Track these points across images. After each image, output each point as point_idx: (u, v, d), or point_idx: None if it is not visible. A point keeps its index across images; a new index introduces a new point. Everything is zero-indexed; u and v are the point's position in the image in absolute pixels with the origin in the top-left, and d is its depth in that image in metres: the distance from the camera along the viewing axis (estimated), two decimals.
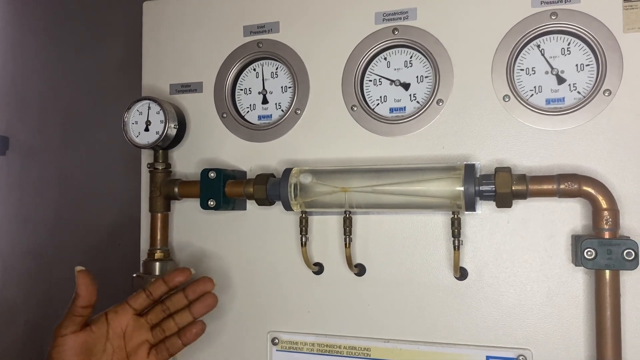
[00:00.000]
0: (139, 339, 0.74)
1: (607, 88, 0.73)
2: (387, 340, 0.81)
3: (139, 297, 0.75)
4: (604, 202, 0.69)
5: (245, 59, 0.90)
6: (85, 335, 0.70)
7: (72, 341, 0.69)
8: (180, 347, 0.75)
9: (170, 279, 0.75)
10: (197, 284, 0.76)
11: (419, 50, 0.82)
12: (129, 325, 0.74)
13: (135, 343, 0.74)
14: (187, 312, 0.75)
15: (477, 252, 0.78)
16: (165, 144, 0.88)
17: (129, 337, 0.74)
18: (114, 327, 0.73)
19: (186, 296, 0.76)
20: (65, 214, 1.77)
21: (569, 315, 0.74)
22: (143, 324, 0.75)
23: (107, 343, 0.72)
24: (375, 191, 0.76)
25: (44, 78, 1.81)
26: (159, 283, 0.76)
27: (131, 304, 0.75)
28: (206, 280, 0.76)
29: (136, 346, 0.74)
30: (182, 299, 0.76)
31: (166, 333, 0.75)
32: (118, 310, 0.74)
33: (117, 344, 0.73)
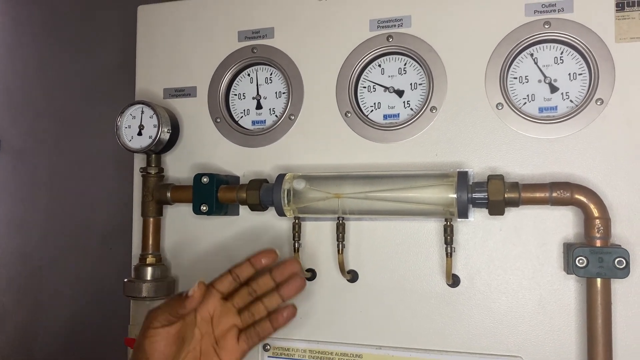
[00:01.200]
0: (227, 324, 0.72)
1: (600, 97, 0.74)
2: (379, 347, 0.81)
3: (225, 279, 0.72)
4: (595, 211, 0.70)
5: (240, 64, 0.90)
6: (177, 326, 0.68)
7: (165, 332, 0.67)
8: (271, 331, 0.72)
9: (256, 261, 0.73)
10: (285, 265, 0.73)
11: (413, 57, 0.82)
12: (216, 309, 0.72)
13: (224, 328, 0.72)
14: (275, 294, 0.72)
15: (470, 260, 0.78)
16: (158, 149, 0.88)
17: (217, 322, 0.72)
18: (201, 312, 0.71)
19: (273, 278, 0.73)
20: (56, 217, 1.76)
21: (561, 323, 0.74)
22: (230, 307, 0.72)
23: (196, 329, 0.70)
24: (369, 197, 0.76)
25: (36, 81, 1.80)
26: (245, 265, 0.73)
27: (217, 287, 0.72)
28: (293, 262, 0.74)
29: (224, 331, 0.71)
30: (269, 281, 0.73)
31: (255, 317, 0.72)
32: (205, 295, 0.71)
33: (205, 330, 0.71)
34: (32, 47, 1.83)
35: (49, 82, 1.79)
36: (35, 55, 1.82)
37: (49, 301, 1.76)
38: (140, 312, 0.86)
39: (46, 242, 1.77)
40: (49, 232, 1.77)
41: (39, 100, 1.80)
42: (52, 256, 1.76)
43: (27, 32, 1.85)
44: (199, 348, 0.70)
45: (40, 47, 1.81)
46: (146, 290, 0.85)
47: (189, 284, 0.88)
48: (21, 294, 1.81)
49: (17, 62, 1.86)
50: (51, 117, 1.78)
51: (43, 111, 1.80)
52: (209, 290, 0.72)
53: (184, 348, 0.69)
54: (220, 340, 0.71)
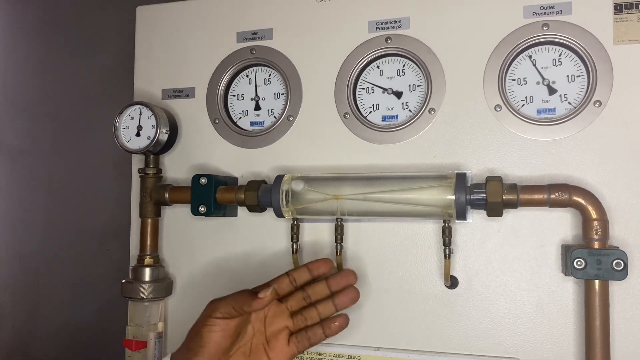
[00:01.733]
0: (280, 325, 0.74)
1: (598, 99, 0.74)
2: (377, 349, 0.81)
3: (283, 281, 0.74)
4: (594, 212, 0.70)
5: (238, 65, 0.90)
6: (237, 320, 0.70)
7: (225, 324, 0.69)
8: (322, 337, 0.74)
9: (314, 268, 0.75)
10: (341, 276, 0.76)
11: (412, 59, 0.82)
12: (271, 309, 0.74)
13: (275, 328, 0.74)
14: (330, 303, 0.74)
15: (468, 261, 0.78)
16: (157, 149, 0.88)
17: (270, 322, 0.74)
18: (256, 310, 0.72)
19: (329, 287, 0.75)
20: (54, 218, 1.76)
21: (559, 324, 0.74)
22: (283, 309, 0.74)
23: (249, 326, 0.72)
24: (367, 199, 0.76)
25: (34, 81, 1.80)
26: (303, 270, 0.75)
27: (275, 288, 0.73)
28: (350, 273, 0.76)
29: (276, 331, 0.73)
30: (324, 289, 0.75)
31: (308, 322, 0.74)
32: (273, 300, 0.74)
33: (258, 328, 0.73)
34: (30, 48, 1.83)
35: (47, 83, 1.79)
36: (34, 56, 1.82)
37: (47, 302, 1.76)
38: (137, 313, 0.86)
39: (44, 243, 1.77)
40: (47, 233, 1.77)
41: (37, 101, 1.80)
42: (50, 257, 1.75)
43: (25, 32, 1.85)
44: (250, 344, 0.72)
45: (38, 48, 1.81)
46: (144, 291, 0.85)
47: (187, 285, 0.88)
48: (19, 295, 1.80)
49: (15, 63, 1.85)
50: (49, 118, 1.78)
51: (41, 112, 1.79)
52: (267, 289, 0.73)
53: (237, 342, 0.71)
54: (271, 339, 0.73)
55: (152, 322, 0.86)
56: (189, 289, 0.90)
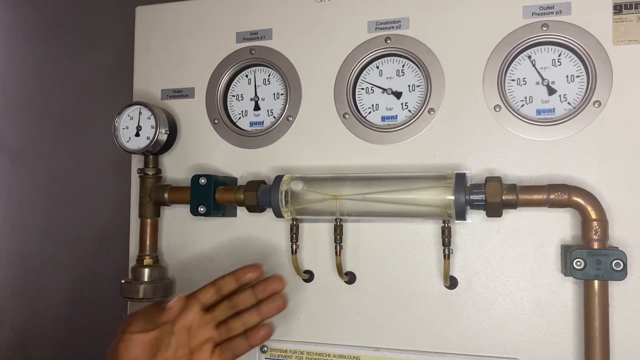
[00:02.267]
0: (204, 336, 0.71)
1: (597, 99, 0.74)
2: (376, 349, 0.81)
3: (208, 291, 0.72)
4: (593, 213, 0.70)
5: (238, 65, 0.90)
6: (154, 333, 0.67)
7: (141, 339, 0.66)
8: (246, 349, 0.72)
9: (241, 275, 0.73)
10: (268, 282, 0.73)
11: (411, 59, 0.82)
12: (195, 320, 0.70)
13: (200, 339, 0.70)
14: (255, 312, 0.72)
15: (467, 261, 0.78)
16: (156, 150, 0.88)
17: (194, 333, 0.70)
18: (180, 321, 0.70)
19: (255, 294, 0.72)
20: (53, 218, 1.75)
21: (558, 324, 0.74)
22: (209, 320, 0.71)
23: (172, 338, 0.69)
24: (366, 199, 0.76)
25: (34, 82, 1.80)
26: (229, 278, 0.73)
27: (199, 298, 0.71)
28: (277, 280, 0.73)
29: (200, 343, 0.70)
30: (250, 297, 0.72)
31: (232, 333, 0.72)
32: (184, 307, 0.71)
33: (182, 339, 0.69)
34: (29, 48, 1.83)
35: (46, 83, 1.79)
36: (33, 57, 1.82)
37: (47, 302, 1.75)
38: None
39: (44, 243, 1.77)
40: (46, 234, 1.77)
41: (37, 101, 1.80)
42: (50, 257, 1.75)
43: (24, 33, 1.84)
44: (173, 357, 0.69)
45: (37, 48, 1.81)
46: (143, 292, 0.85)
47: (186, 285, 0.88)
48: (18, 295, 1.80)
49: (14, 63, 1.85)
50: (49, 118, 1.78)
51: (41, 112, 1.79)
52: (190, 300, 0.71)
53: (157, 355, 0.67)
54: (195, 351, 0.70)
55: None
56: (189, 289, 0.89)
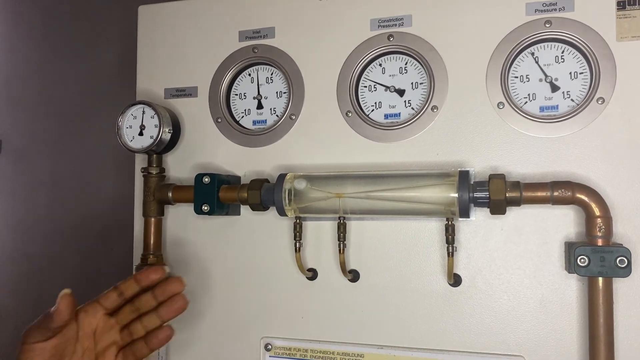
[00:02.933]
0: (108, 340, 0.70)
1: (601, 96, 0.74)
2: (380, 347, 0.81)
3: (110, 296, 0.71)
4: (597, 210, 0.69)
5: (241, 64, 0.90)
6: (55, 341, 0.65)
7: (41, 348, 0.65)
8: (146, 352, 0.70)
9: (142, 278, 0.71)
10: (166, 283, 0.71)
11: (414, 56, 0.82)
12: (99, 325, 0.70)
13: (105, 344, 0.70)
14: (154, 315, 0.71)
15: (471, 259, 0.78)
16: (160, 149, 0.88)
17: (99, 338, 0.70)
18: (84, 327, 0.69)
19: (155, 297, 0.71)
20: (57, 217, 1.76)
21: (562, 322, 0.74)
22: (113, 324, 0.71)
23: (77, 344, 0.68)
24: (370, 197, 0.76)
25: (37, 81, 1.80)
26: (130, 282, 0.71)
27: (102, 303, 0.70)
28: (175, 281, 0.71)
29: (105, 348, 0.70)
30: (151, 300, 0.71)
31: (134, 336, 0.71)
32: (88, 309, 0.70)
33: (87, 345, 0.68)
34: (32, 47, 1.83)
35: (49, 83, 1.79)
36: (36, 56, 1.82)
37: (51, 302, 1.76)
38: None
39: (47, 242, 1.77)
40: (50, 233, 1.77)
41: (40, 101, 1.80)
42: (54, 256, 1.76)
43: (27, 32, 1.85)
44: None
45: (40, 47, 1.81)
46: None
47: (190, 284, 0.88)
48: (23, 295, 1.81)
49: (17, 62, 1.86)
50: (52, 118, 1.78)
51: (44, 111, 1.80)
52: (93, 305, 0.70)
53: None
54: (100, 356, 0.69)
55: None
56: (192, 287, 0.90)
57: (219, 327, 0.88)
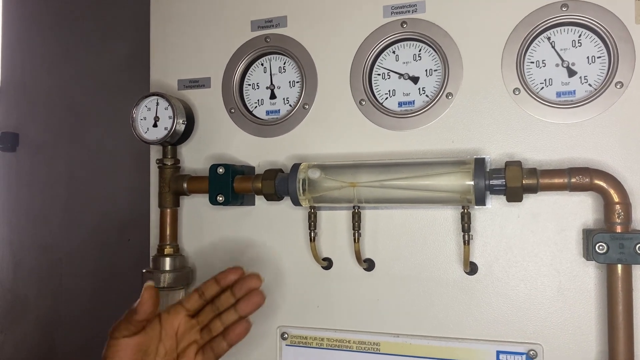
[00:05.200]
0: (189, 340, 0.72)
1: (619, 80, 0.72)
2: (397, 335, 0.81)
3: (192, 297, 0.74)
4: (615, 196, 0.68)
5: (253, 53, 0.90)
6: (139, 338, 0.68)
7: (126, 343, 0.67)
8: (225, 348, 0.72)
9: (222, 278, 0.74)
10: (244, 280, 0.73)
11: (428, 43, 0.81)
12: (181, 326, 0.72)
13: (186, 344, 0.72)
14: (232, 310, 0.73)
15: (487, 247, 0.77)
16: (174, 140, 0.88)
17: (181, 338, 0.72)
18: (166, 328, 0.71)
19: (233, 294, 0.73)
20: (75, 209, 1.78)
21: (580, 309, 0.73)
22: (194, 324, 0.73)
23: (160, 344, 0.70)
24: (384, 186, 0.76)
25: (52, 75, 1.82)
26: (210, 282, 0.74)
27: (184, 304, 0.73)
28: (253, 277, 0.73)
29: (186, 347, 0.72)
30: (229, 297, 0.73)
31: (213, 333, 0.73)
32: (171, 311, 0.73)
33: (170, 345, 0.71)
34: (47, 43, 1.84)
35: (64, 77, 1.80)
36: (51, 51, 1.83)
37: (70, 292, 1.78)
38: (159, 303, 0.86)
39: (66, 234, 1.80)
40: (68, 225, 1.79)
41: (55, 95, 1.82)
42: (72, 248, 1.78)
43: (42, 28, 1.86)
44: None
45: (55, 43, 1.82)
46: (164, 280, 0.86)
47: (207, 274, 0.89)
48: (42, 286, 1.84)
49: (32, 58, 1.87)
50: (68, 111, 1.80)
51: (60, 105, 1.81)
52: (176, 307, 0.73)
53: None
54: (181, 356, 0.72)
55: None
56: (209, 277, 0.90)
57: None
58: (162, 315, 0.72)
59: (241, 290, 0.73)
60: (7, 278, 1.90)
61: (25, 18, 1.88)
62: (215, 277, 0.74)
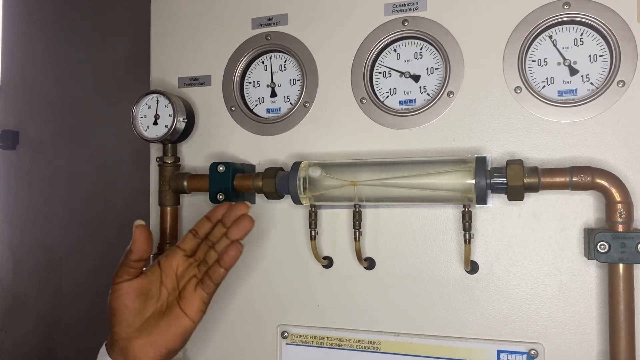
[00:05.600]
0: (188, 276, 0.75)
1: (621, 79, 0.72)
2: (397, 334, 0.81)
3: (186, 238, 0.77)
4: (617, 195, 0.68)
5: (254, 51, 0.90)
6: (140, 280, 0.71)
7: (127, 286, 0.71)
8: (222, 273, 0.73)
9: (212, 214, 0.77)
10: (232, 208, 0.75)
11: (429, 41, 0.81)
12: (180, 266, 0.75)
13: (185, 280, 0.75)
14: (224, 238, 0.75)
15: (488, 246, 0.77)
16: (174, 138, 0.88)
17: (181, 277, 0.75)
18: (166, 270, 0.74)
19: (224, 224, 0.75)
20: (75, 208, 1.78)
21: (582, 309, 0.73)
22: (192, 262, 0.76)
23: (162, 287, 0.74)
24: (385, 184, 0.75)
25: (53, 73, 1.82)
26: (202, 221, 0.77)
27: (180, 246, 0.76)
28: (240, 204, 0.75)
29: (185, 283, 0.75)
30: (221, 229, 0.76)
31: (209, 263, 0.75)
32: (168, 254, 0.76)
33: (171, 285, 0.74)
34: (47, 41, 1.84)
35: (65, 75, 1.80)
36: (51, 49, 1.83)
37: (70, 291, 1.78)
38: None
39: (65, 232, 1.80)
40: (68, 223, 1.79)
41: (55, 93, 1.82)
42: (72, 246, 1.78)
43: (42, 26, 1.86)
44: (165, 303, 0.73)
45: (56, 41, 1.82)
46: None
47: None
48: (42, 284, 1.83)
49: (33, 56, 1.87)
50: (68, 109, 1.79)
51: (60, 103, 1.81)
52: (173, 249, 0.76)
53: (149, 304, 0.72)
54: (182, 292, 0.74)
55: None
56: None
57: (235, 315, 0.89)
58: (161, 259, 0.75)
59: (230, 218, 0.75)
60: (7, 277, 1.90)
61: (26, 16, 1.88)
62: (206, 215, 0.77)
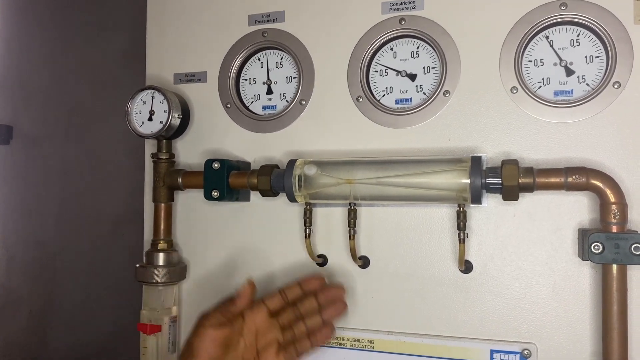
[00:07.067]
0: (270, 338, 0.75)
1: (617, 80, 0.72)
2: (390, 333, 0.81)
3: (274, 297, 0.78)
4: (612, 196, 0.68)
5: (250, 48, 0.90)
6: (226, 330, 0.72)
7: (214, 334, 0.71)
8: (309, 348, 0.76)
9: (305, 284, 0.79)
10: (330, 290, 0.79)
11: (426, 40, 0.81)
12: (262, 323, 0.76)
13: (266, 341, 0.75)
14: (318, 316, 0.77)
15: (483, 245, 0.77)
16: (169, 134, 0.88)
17: (261, 336, 0.75)
18: (248, 324, 0.75)
19: (318, 301, 0.78)
20: (69, 204, 1.77)
21: (575, 309, 0.73)
22: (275, 323, 0.76)
23: (241, 339, 0.74)
24: (380, 183, 0.75)
25: (48, 68, 1.81)
26: (294, 286, 0.79)
27: (267, 303, 0.77)
28: (339, 289, 0.79)
29: (266, 344, 0.75)
30: (313, 303, 0.77)
31: (296, 335, 0.76)
32: (254, 308, 0.76)
33: (250, 341, 0.74)
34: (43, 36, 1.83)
35: (60, 70, 1.79)
36: (47, 44, 1.82)
37: (63, 287, 1.78)
38: (152, 297, 0.86)
39: (59, 229, 1.79)
40: (62, 219, 1.79)
41: (50, 88, 1.81)
42: (66, 243, 1.77)
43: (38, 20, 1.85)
44: (242, 357, 0.74)
45: (51, 35, 1.81)
46: (158, 276, 0.85)
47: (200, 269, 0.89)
48: (35, 281, 1.83)
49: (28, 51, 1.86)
50: (63, 105, 1.79)
51: (54, 98, 1.80)
52: (258, 305, 0.76)
53: (228, 354, 0.73)
54: (262, 352, 0.75)
55: (167, 306, 0.87)
56: (203, 273, 0.90)
57: None
58: (246, 312, 0.76)
59: (326, 298, 0.78)
60: (0, 273, 1.89)
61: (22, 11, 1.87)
62: (299, 282, 0.79)
